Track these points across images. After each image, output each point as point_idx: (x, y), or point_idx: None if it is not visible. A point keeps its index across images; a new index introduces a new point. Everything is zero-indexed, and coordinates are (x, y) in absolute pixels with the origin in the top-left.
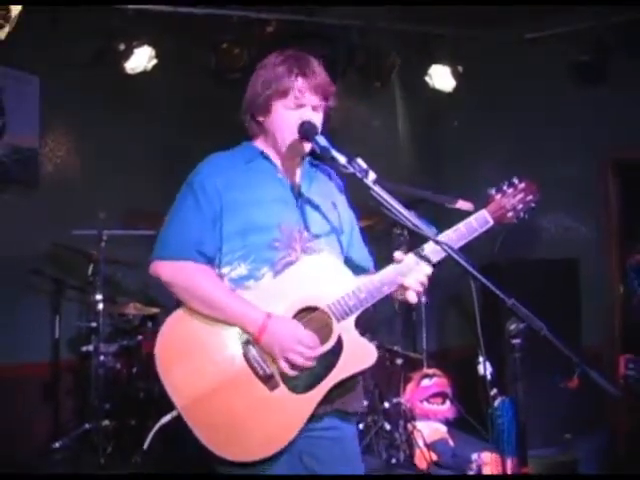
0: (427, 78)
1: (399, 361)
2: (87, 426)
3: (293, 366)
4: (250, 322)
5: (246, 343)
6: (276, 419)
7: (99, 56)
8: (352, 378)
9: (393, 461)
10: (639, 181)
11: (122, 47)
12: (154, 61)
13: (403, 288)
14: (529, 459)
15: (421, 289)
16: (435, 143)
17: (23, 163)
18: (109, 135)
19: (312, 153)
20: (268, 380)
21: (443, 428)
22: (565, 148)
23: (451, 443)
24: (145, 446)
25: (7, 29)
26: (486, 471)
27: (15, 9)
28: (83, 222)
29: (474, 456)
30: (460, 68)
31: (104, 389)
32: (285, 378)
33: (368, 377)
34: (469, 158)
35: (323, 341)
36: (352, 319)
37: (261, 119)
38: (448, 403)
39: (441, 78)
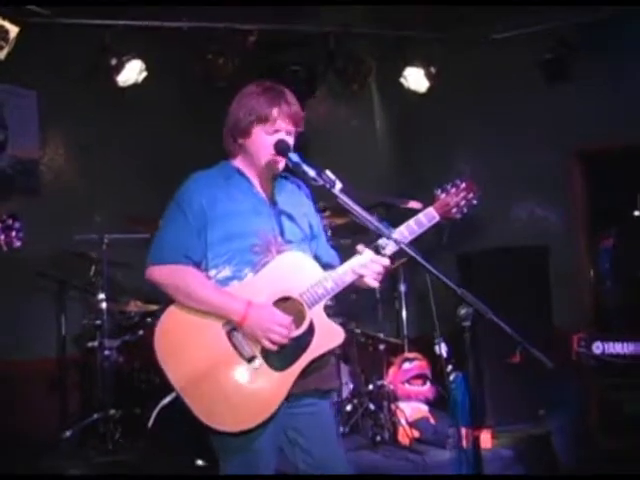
0: (402, 80)
1: (382, 346)
2: (96, 416)
3: (274, 343)
4: (233, 311)
5: (232, 330)
6: (261, 393)
7: (92, 70)
8: (324, 358)
9: (378, 439)
10: (602, 170)
11: (114, 61)
12: (144, 74)
13: (361, 276)
14: (504, 434)
15: (378, 278)
16: (411, 141)
17: (25, 173)
18: (105, 144)
19: (285, 169)
20: (252, 360)
21: (424, 407)
22: (533, 141)
23: (432, 421)
24: (149, 424)
25: (7, 50)
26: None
27: (13, 30)
28: (82, 226)
29: (451, 431)
30: (433, 69)
31: (109, 381)
32: (267, 358)
33: (354, 362)
34: (443, 154)
35: (297, 326)
36: (321, 305)
37: (241, 141)
38: (428, 384)
39: (415, 79)
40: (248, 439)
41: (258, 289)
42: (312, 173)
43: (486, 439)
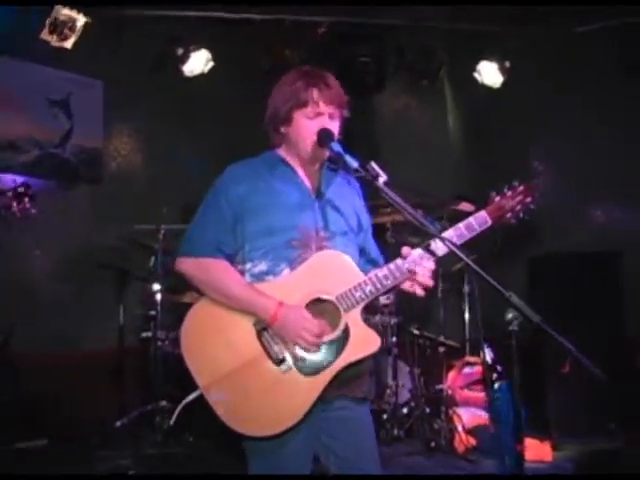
0: (476, 74)
1: (441, 349)
2: (148, 407)
3: (302, 348)
4: (263, 310)
5: (261, 329)
6: (287, 399)
7: (159, 60)
8: (359, 365)
9: (433, 445)
10: None
11: (180, 51)
12: (211, 64)
13: (411, 280)
14: (566, 446)
15: (426, 282)
16: (484, 137)
17: (89, 162)
18: (169, 134)
19: (331, 159)
20: (281, 363)
21: (483, 414)
22: (612, 140)
23: (491, 429)
24: (172, 422)
25: (73, 39)
26: (525, 455)
27: (80, 20)
28: (145, 216)
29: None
30: (508, 64)
31: (162, 373)
32: (296, 361)
33: (413, 364)
34: (518, 152)
35: (332, 329)
36: (359, 309)
37: (283, 130)
38: None
39: (489, 74)
40: (279, 442)
41: (293, 287)
42: (355, 164)
43: (546, 451)
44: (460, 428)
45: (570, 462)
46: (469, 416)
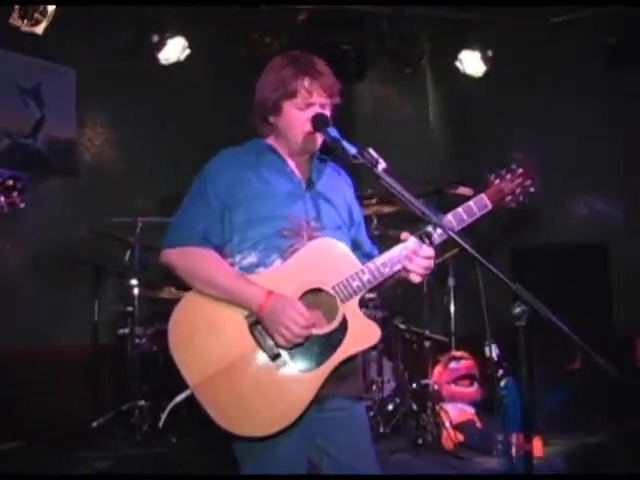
0: (457, 63)
1: (427, 344)
2: (125, 407)
3: (286, 341)
4: (251, 299)
5: (254, 323)
6: (283, 396)
7: (134, 48)
8: (352, 361)
9: (420, 442)
10: None
11: (155, 39)
12: (187, 51)
13: (406, 271)
14: (556, 441)
15: (424, 272)
16: (466, 127)
17: (62, 153)
18: (145, 124)
19: (322, 150)
20: (276, 358)
21: (470, 410)
22: (594, 130)
23: (478, 424)
24: (160, 424)
25: (44, 24)
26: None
27: (51, 4)
28: (121, 209)
29: (499, 437)
30: (490, 53)
31: (140, 371)
32: (292, 356)
33: (397, 359)
34: (499, 142)
35: (328, 321)
36: (356, 299)
37: (272, 119)
38: (475, 385)
39: (471, 63)
40: (272, 444)
41: (286, 278)
42: (353, 150)
43: (537, 446)
44: (447, 424)
45: (560, 457)
46: (456, 412)
